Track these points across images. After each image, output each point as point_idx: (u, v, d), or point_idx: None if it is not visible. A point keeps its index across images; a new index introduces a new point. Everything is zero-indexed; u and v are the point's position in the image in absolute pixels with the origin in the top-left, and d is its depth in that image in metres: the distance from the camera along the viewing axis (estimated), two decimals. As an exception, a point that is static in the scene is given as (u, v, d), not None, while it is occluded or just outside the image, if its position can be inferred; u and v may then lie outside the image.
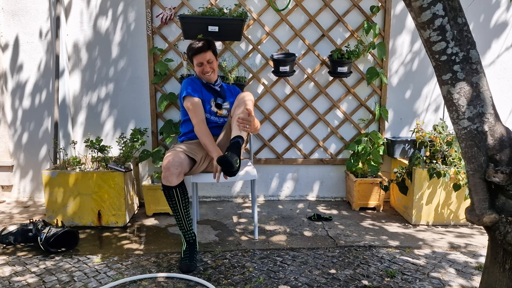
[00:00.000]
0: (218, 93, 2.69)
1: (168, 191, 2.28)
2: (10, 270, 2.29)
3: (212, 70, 2.64)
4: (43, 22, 3.38)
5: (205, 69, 2.62)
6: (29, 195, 3.59)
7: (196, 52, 2.60)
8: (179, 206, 2.31)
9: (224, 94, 2.72)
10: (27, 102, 3.47)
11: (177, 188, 2.28)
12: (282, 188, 3.64)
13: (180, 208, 2.31)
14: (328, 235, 2.81)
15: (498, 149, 1.49)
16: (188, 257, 2.33)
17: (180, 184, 2.29)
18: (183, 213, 2.33)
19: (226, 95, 2.73)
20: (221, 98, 2.70)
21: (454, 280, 2.22)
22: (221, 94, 2.70)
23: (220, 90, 2.72)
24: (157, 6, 3.33)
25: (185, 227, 2.37)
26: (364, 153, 3.37)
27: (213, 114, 2.66)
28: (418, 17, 1.48)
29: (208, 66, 2.62)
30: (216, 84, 2.70)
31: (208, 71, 2.63)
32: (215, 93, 2.69)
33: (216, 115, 2.66)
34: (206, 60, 2.61)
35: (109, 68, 3.45)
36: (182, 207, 2.31)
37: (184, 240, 2.40)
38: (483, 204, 1.52)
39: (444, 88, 1.51)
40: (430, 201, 3.02)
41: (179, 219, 2.35)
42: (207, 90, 2.67)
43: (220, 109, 2.67)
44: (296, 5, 3.38)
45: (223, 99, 2.70)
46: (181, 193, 2.29)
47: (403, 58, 3.52)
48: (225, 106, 2.70)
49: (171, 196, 2.29)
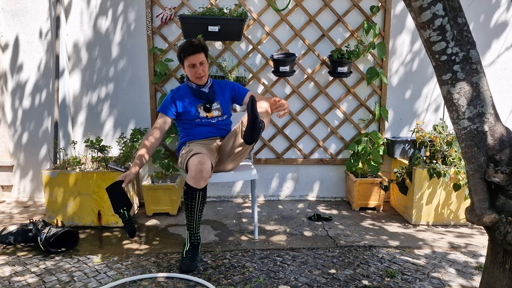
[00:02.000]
0: (206, 96, 2.63)
1: (192, 193, 2.30)
2: (10, 270, 2.29)
3: (204, 73, 2.58)
4: (43, 22, 3.38)
5: (197, 71, 2.54)
6: (29, 195, 3.59)
7: (189, 53, 2.51)
8: (197, 208, 2.34)
9: (213, 95, 2.65)
10: (27, 102, 3.47)
11: (202, 191, 2.31)
12: (282, 188, 3.64)
13: (197, 210, 2.34)
14: (328, 235, 2.81)
15: (498, 149, 1.49)
16: (190, 257, 2.34)
17: (204, 188, 2.32)
18: (197, 215, 2.36)
19: (215, 95, 2.66)
20: (210, 100, 2.63)
21: (454, 280, 2.21)
22: (209, 97, 2.63)
23: (209, 91, 2.64)
24: (157, 6, 3.33)
25: (194, 229, 2.39)
26: (364, 153, 3.37)
27: (204, 118, 2.62)
28: (418, 17, 1.48)
29: (201, 69, 2.54)
30: (205, 85, 2.64)
31: (201, 74, 2.56)
32: (203, 97, 2.63)
33: (207, 118, 2.63)
34: (199, 61, 2.53)
35: (109, 68, 3.45)
36: (198, 210, 2.35)
37: (188, 241, 2.41)
38: (483, 204, 1.52)
39: (444, 88, 1.51)
40: (430, 201, 3.02)
41: (191, 220, 2.37)
42: (195, 95, 2.62)
43: (209, 111, 2.62)
44: (296, 5, 3.38)
45: (212, 101, 2.64)
46: (203, 197, 2.34)
47: (403, 58, 3.52)
48: (214, 107, 2.64)
49: (193, 198, 2.31)
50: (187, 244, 2.40)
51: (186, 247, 2.40)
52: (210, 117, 2.63)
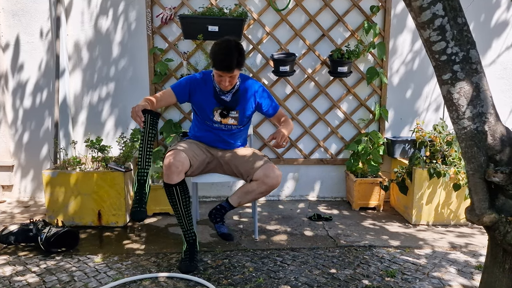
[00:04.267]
0: (226, 103, 2.46)
1: (169, 189, 2.30)
2: (10, 270, 2.29)
3: (231, 85, 2.39)
4: (43, 22, 3.38)
5: (224, 83, 2.34)
6: (30, 195, 3.59)
7: (220, 69, 2.29)
8: (179, 204, 2.32)
9: (235, 104, 2.46)
10: (28, 102, 3.47)
11: (178, 186, 2.29)
12: (283, 188, 3.64)
13: (180, 207, 2.32)
14: (328, 235, 2.81)
15: (498, 149, 1.49)
16: (188, 257, 2.34)
17: (180, 183, 2.30)
18: (183, 211, 2.34)
19: (237, 104, 2.47)
20: (229, 108, 2.47)
21: (455, 280, 2.22)
22: (229, 105, 2.46)
23: (231, 99, 2.45)
24: (157, 6, 3.33)
25: (185, 226, 2.37)
26: (364, 153, 3.37)
27: (217, 122, 2.49)
28: (418, 17, 1.48)
29: (228, 81, 2.34)
30: (230, 92, 2.45)
31: (227, 87, 2.38)
32: (222, 102, 2.46)
33: (220, 123, 2.49)
34: (229, 76, 2.32)
35: (110, 68, 3.45)
36: (182, 206, 2.32)
37: (184, 240, 2.40)
38: (483, 204, 1.52)
39: (444, 88, 1.51)
40: (430, 201, 3.02)
41: (179, 218, 2.36)
42: (215, 97, 2.45)
43: (225, 118, 2.49)
44: (296, 5, 3.38)
45: (231, 109, 2.47)
46: (182, 192, 2.31)
47: (403, 58, 3.52)
48: (232, 115, 2.48)
49: (172, 194, 2.31)
50: (184, 243, 2.41)
51: (184, 246, 2.40)
52: (224, 123, 2.50)
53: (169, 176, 2.27)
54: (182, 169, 2.30)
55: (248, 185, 2.43)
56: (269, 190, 2.40)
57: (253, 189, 2.41)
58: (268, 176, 2.37)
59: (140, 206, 2.23)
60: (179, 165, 2.28)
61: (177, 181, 2.28)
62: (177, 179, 2.28)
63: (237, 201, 2.45)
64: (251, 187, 2.41)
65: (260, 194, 2.43)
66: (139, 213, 2.22)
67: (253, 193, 2.42)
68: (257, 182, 2.39)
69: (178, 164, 2.27)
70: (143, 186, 2.26)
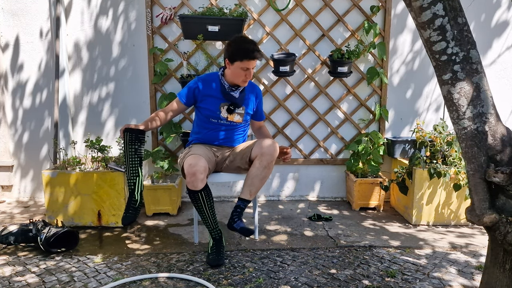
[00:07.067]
0: (235, 100, 2.52)
1: (194, 195, 2.33)
2: (10, 270, 2.29)
3: (251, 78, 2.48)
4: (43, 22, 3.38)
5: (248, 76, 2.43)
6: (30, 195, 3.59)
7: (250, 58, 2.37)
8: (205, 207, 2.36)
9: (242, 101, 2.54)
10: (28, 102, 3.47)
11: (203, 191, 2.33)
12: (283, 188, 3.64)
13: (206, 209, 2.37)
14: (328, 235, 2.81)
15: (498, 149, 1.48)
16: (215, 252, 2.40)
17: (205, 187, 2.33)
18: (208, 213, 2.38)
19: (243, 101, 2.55)
20: (236, 104, 2.53)
21: (455, 280, 2.21)
22: (237, 102, 2.52)
23: (239, 96, 2.52)
24: (157, 6, 3.33)
25: (211, 225, 2.42)
26: (364, 153, 3.37)
27: (223, 119, 2.53)
28: (418, 17, 1.48)
29: (250, 73, 2.44)
30: (238, 88, 2.52)
31: (249, 79, 2.47)
32: (230, 98, 2.51)
33: (226, 120, 2.54)
34: (253, 66, 2.43)
35: (110, 68, 3.45)
36: (208, 208, 2.37)
37: (210, 237, 2.45)
38: (483, 204, 1.52)
39: (444, 88, 1.51)
40: (431, 201, 3.02)
41: (205, 219, 2.40)
42: (223, 94, 2.50)
43: (232, 114, 2.53)
44: (296, 5, 3.38)
45: (238, 105, 2.53)
46: (206, 195, 2.35)
47: (404, 58, 3.52)
48: (238, 111, 2.54)
49: (197, 200, 2.34)
50: (210, 241, 2.46)
51: (210, 243, 2.45)
52: (230, 120, 2.55)
53: (193, 183, 2.29)
54: (205, 174, 2.34)
55: (249, 171, 2.43)
56: (270, 160, 2.40)
57: (256, 169, 2.40)
58: (263, 146, 2.41)
59: (127, 211, 2.40)
60: (202, 171, 2.30)
61: (201, 187, 2.31)
62: (202, 185, 2.31)
63: (248, 192, 2.43)
64: (253, 170, 2.41)
65: (265, 169, 2.40)
66: (125, 218, 2.40)
67: (257, 173, 2.40)
68: (257, 158, 2.40)
69: (201, 170, 2.30)
70: (132, 194, 2.41)
